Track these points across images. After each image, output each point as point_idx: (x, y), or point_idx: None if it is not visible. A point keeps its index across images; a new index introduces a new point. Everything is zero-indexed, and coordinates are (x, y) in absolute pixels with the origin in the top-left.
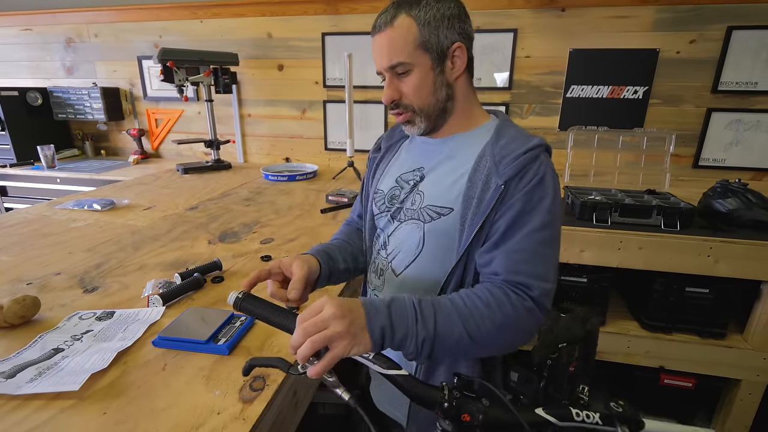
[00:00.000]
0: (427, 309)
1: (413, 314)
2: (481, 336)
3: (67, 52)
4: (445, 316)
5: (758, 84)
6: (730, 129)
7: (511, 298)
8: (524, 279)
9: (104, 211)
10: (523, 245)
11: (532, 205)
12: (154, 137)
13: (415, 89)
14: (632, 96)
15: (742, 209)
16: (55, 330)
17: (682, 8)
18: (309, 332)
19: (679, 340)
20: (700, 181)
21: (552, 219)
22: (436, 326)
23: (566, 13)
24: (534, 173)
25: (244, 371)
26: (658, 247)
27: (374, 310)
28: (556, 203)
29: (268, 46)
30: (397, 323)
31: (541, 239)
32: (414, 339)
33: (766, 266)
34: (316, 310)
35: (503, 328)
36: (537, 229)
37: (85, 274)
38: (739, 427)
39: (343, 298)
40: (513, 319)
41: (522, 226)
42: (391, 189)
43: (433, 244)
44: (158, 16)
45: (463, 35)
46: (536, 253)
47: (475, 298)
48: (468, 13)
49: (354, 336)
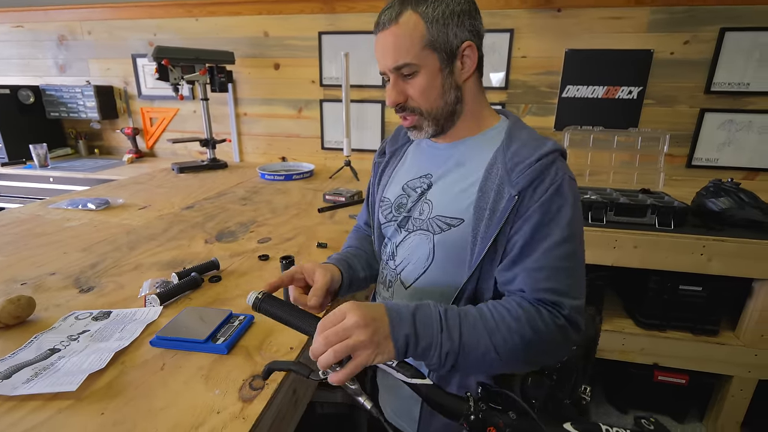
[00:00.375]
0: (452, 318)
1: (438, 324)
2: (508, 351)
3: (59, 49)
4: (470, 327)
5: (750, 85)
6: (723, 129)
7: (543, 314)
8: (552, 297)
9: (99, 211)
10: (544, 262)
11: (550, 216)
12: (149, 136)
13: (423, 92)
14: (627, 96)
15: (735, 208)
16: (50, 330)
17: (676, 9)
18: (330, 341)
19: (673, 338)
20: (693, 180)
21: (573, 230)
22: (461, 337)
23: (562, 13)
24: (550, 181)
25: (264, 375)
26: (652, 245)
27: (398, 318)
28: (576, 211)
29: (265, 44)
30: (422, 332)
31: (563, 254)
32: (438, 350)
33: (758, 264)
34: (338, 318)
35: (532, 345)
36: (558, 243)
37: (80, 274)
38: (730, 423)
39: (367, 304)
40: (544, 336)
41: (541, 240)
42: (397, 197)
43: (444, 256)
44: (153, 13)
45: (474, 33)
46: (560, 269)
47: (504, 311)
48: (478, 9)
49: (377, 345)
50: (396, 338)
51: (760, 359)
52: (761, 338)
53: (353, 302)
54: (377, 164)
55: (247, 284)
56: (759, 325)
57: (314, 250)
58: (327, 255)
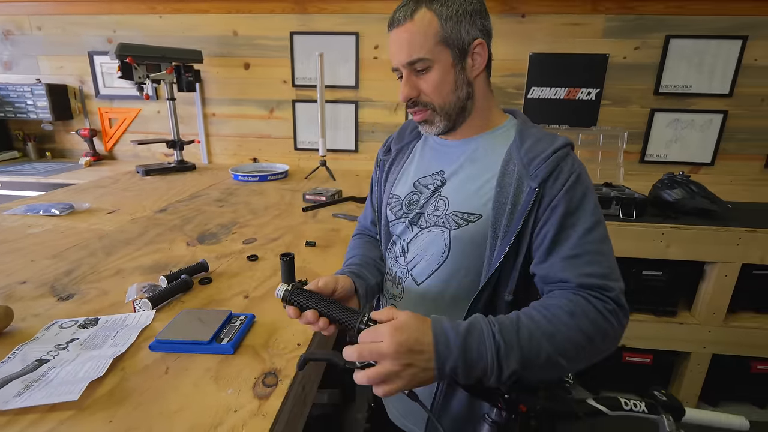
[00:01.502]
0: (509, 336)
1: (494, 349)
2: (572, 351)
3: (4, 45)
4: (528, 339)
5: (692, 87)
6: (670, 127)
7: (592, 301)
8: (598, 281)
9: (63, 216)
10: (582, 248)
11: (575, 203)
12: (108, 138)
13: (436, 86)
14: (586, 97)
15: (687, 198)
16: (33, 341)
17: (628, 17)
18: (364, 358)
19: (638, 320)
20: (647, 174)
21: (599, 216)
22: (522, 355)
23: (526, 19)
24: (569, 171)
25: (299, 366)
26: (617, 234)
27: (446, 349)
28: (596, 198)
29: (234, 44)
30: (475, 361)
31: (597, 237)
32: (496, 374)
33: (709, 249)
34: (379, 336)
35: (594, 338)
36: (590, 228)
37: (55, 281)
38: (690, 395)
39: (413, 328)
40: (601, 325)
41: (572, 227)
42: (408, 194)
43: (460, 252)
44: (112, 9)
45: (484, 32)
46: (599, 252)
47: (556, 309)
48: (488, 10)
49: (412, 377)
50: (440, 368)
51: (712, 336)
52: (713, 316)
53: (398, 324)
54: (382, 162)
55: (241, 285)
56: (711, 304)
57: (303, 249)
58: (316, 253)
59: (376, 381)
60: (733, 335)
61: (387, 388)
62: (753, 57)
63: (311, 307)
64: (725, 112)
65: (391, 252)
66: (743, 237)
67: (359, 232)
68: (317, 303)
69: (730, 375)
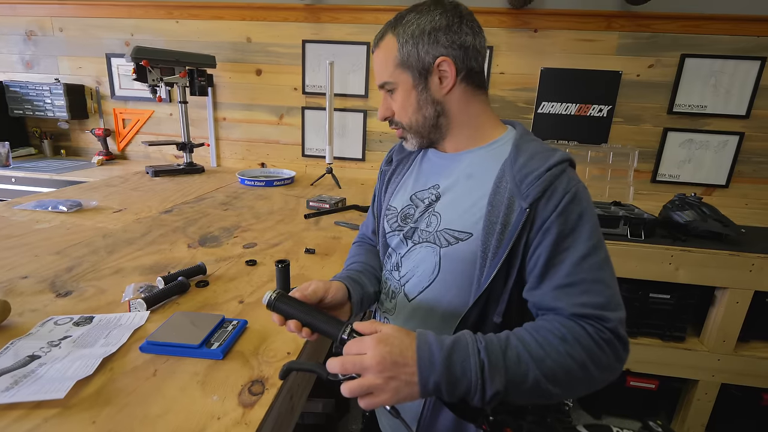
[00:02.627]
0: (495, 356)
1: (478, 368)
2: (563, 378)
3: (26, 45)
4: (515, 361)
5: (707, 107)
6: (684, 147)
7: (588, 329)
8: (593, 311)
9: (71, 213)
10: (577, 276)
11: (570, 226)
12: (121, 138)
13: (400, 107)
14: (598, 114)
15: (698, 221)
16: (27, 336)
17: (642, 35)
18: (347, 370)
19: (644, 344)
20: (658, 195)
21: (598, 238)
22: (507, 376)
23: (538, 34)
24: (563, 191)
25: (281, 375)
26: (624, 255)
27: (429, 364)
28: (596, 219)
29: (247, 50)
30: (458, 379)
31: (594, 264)
32: (479, 394)
33: (720, 273)
34: (363, 348)
35: (587, 366)
36: (586, 253)
37: (55, 277)
38: (696, 426)
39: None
40: (595, 354)
41: (566, 252)
42: (404, 207)
43: (450, 270)
44: (131, 13)
45: (453, 47)
46: (595, 281)
47: (548, 334)
48: (466, 19)
49: (395, 391)
50: (424, 384)
51: (722, 364)
52: (723, 343)
53: (382, 337)
54: (384, 172)
55: (237, 289)
56: (721, 331)
57: (302, 255)
58: (315, 261)
59: (358, 393)
60: (744, 365)
61: (370, 400)
62: None
63: (294, 316)
64: (741, 134)
65: (387, 264)
66: (756, 263)
67: (360, 240)
68: (301, 312)
69: (738, 406)
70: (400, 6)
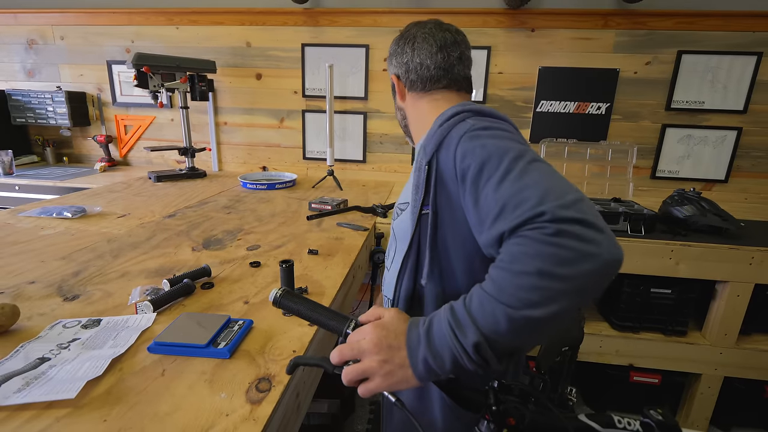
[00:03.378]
0: (459, 312)
1: (449, 329)
2: (533, 296)
3: (28, 53)
4: (477, 305)
5: (705, 103)
6: (682, 143)
7: (528, 236)
8: (526, 214)
9: (75, 219)
10: (503, 198)
11: (477, 162)
12: (123, 144)
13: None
14: (596, 112)
15: (698, 216)
16: (37, 339)
17: (638, 33)
18: (344, 356)
19: (646, 339)
20: (657, 190)
21: (514, 154)
22: (476, 324)
23: (535, 33)
24: (458, 135)
25: (288, 370)
26: (625, 250)
27: (415, 343)
28: (507, 138)
29: (247, 54)
30: (439, 348)
31: (513, 178)
32: (463, 354)
33: (720, 267)
34: (362, 334)
35: (545, 272)
36: (503, 175)
37: (62, 282)
38: (700, 419)
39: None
40: (548, 254)
41: (485, 185)
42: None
43: (400, 238)
44: (131, 20)
45: (399, 66)
46: (520, 191)
47: (496, 267)
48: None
49: (390, 374)
50: (414, 365)
51: (724, 357)
52: (725, 337)
53: (380, 323)
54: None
55: (242, 290)
56: (722, 324)
57: (305, 256)
58: (317, 262)
59: (355, 377)
60: (746, 357)
61: (367, 385)
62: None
63: (300, 312)
64: (739, 128)
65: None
66: (756, 256)
67: None
68: (306, 308)
69: (742, 399)
70: (398, 8)
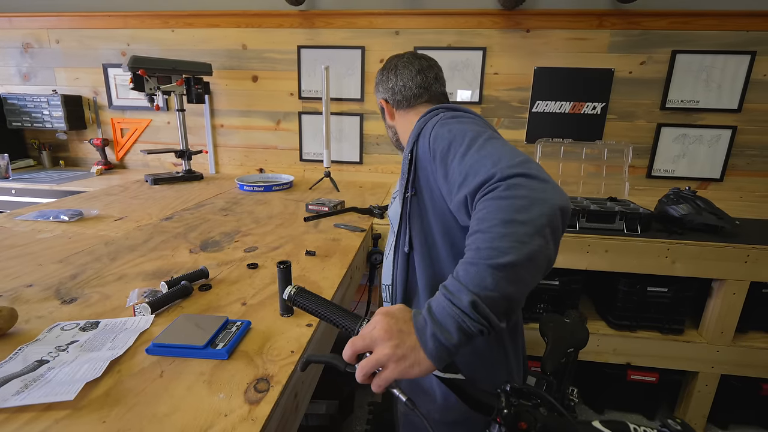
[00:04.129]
0: (450, 283)
1: (446, 297)
2: (507, 245)
3: (23, 57)
4: (462, 269)
5: (699, 102)
6: (677, 142)
7: (488, 196)
8: (485, 176)
9: (72, 222)
10: (466, 169)
11: (445, 142)
12: (119, 147)
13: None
14: (591, 111)
15: (693, 214)
16: (35, 342)
17: (633, 32)
18: (357, 348)
19: (643, 337)
20: (653, 189)
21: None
22: (466, 285)
23: (530, 34)
24: (432, 125)
25: (302, 367)
26: (621, 249)
27: (422, 322)
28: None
29: (243, 57)
30: (441, 319)
31: (473, 150)
32: (464, 317)
33: (716, 266)
34: (372, 325)
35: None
36: (465, 149)
37: (60, 285)
38: (698, 417)
39: (399, 314)
40: (508, 205)
41: (452, 161)
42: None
43: (393, 223)
44: (127, 23)
45: (386, 91)
46: (479, 160)
47: (470, 232)
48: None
49: (403, 358)
50: (424, 343)
51: (721, 355)
52: (721, 335)
53: (387, 311)
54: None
55: (239, 292)
56: (719, 322)
57: (303, 258)
58: (315, 263)
59: (369, 369)
60: (743, 355)
61: (381, 374)
62: (762, 72)
63: (313, 310)
64: (734, 127)
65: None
66: (752, 254)
67: None
68: (319, 306)
69: (739, 396)
70: (393, 10)
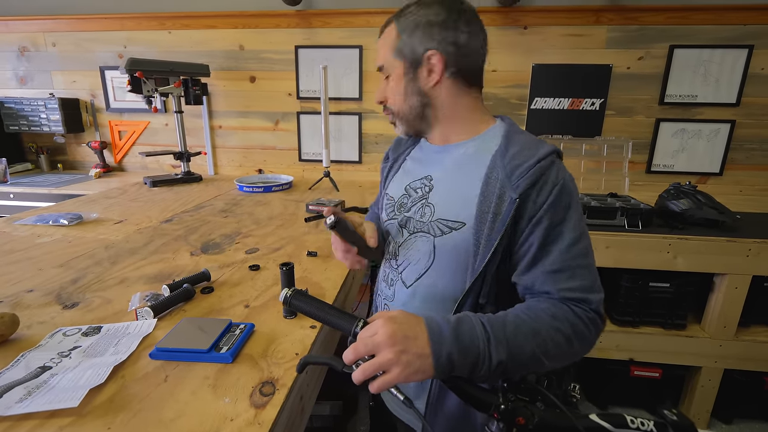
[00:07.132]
0: (497, 329)
1: (484, 338)
2: (553, 350)
3: (20, 61)
4: (514, 334)
5: (697, 97)
6: (677, 137)
7: (574, 309)
8: (578, 294)
9: (72, 226)
10: (565, 263)
11: (559, 216)
12: (117, 150)
13: (392, 93)
14: (590, 107)
15: (694, 209)
16: (37, 348)
17: (630, 28)
18: (359, 352)
19: (646, 333)
20: (653, 185)
21: (582, 228)
22: (508, 347)
23: (528, 30)
24: (552, 183)
25: (299, 369)
26: (623, 245)
27: (439, 336)
28: (580, 209)
29: (240, 57)
30: (468, 349)
31: (579, 252)
32: (487, 364)
33: (718, 260)
34: (373, 330)
35: (572, 341)
36: (572, 242)
37: (61, 290)
38: (702, 412)
39: (404, 319)
40: (580, 331)
41: (555, 241)
42: (400, 197)
43: (445, 258)
44: (123, 25)
45: (446, 43)
46: (579, 267)
47: (541, 312)
48: (465, 18)
49: (407, 365)
50: (438, 356)
51: (724, 350)
52: (724, 329)
53: (390, 316)
54: (383, 168)
55: (242, 294)
56: (721, 317)
57: (304, 258)
58: (317, 264)
59: (371, 372)
60: (746, 349)
61: (384, 378)
62: (760, 66)
63: (309, 311)
64: (733, 121)
65: (386, 252)
66: (753, 248)
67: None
68: (315, 308)
69: (742, 391)
70: (390, 8)
